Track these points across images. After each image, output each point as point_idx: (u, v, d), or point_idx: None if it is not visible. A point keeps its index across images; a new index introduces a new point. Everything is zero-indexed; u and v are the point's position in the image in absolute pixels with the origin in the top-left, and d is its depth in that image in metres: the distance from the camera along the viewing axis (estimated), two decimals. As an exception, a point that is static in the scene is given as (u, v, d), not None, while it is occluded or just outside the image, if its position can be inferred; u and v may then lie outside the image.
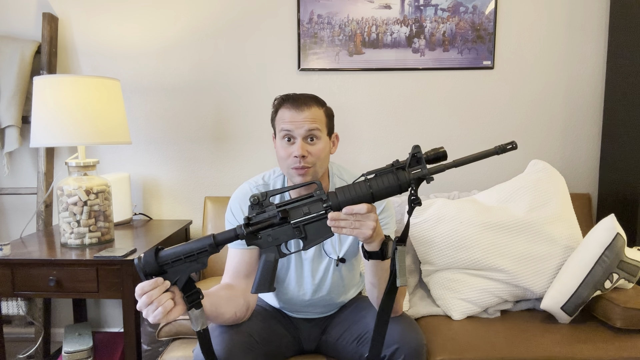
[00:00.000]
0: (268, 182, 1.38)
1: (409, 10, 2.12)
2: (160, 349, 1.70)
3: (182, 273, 0.99)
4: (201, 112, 2.22)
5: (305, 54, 2.15)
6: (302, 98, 1.26)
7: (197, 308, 1.02)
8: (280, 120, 1.26)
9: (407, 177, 0.99)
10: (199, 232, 2.23)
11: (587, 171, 2.20)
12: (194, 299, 1.01)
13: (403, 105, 2.18)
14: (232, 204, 1.36)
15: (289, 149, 1.23)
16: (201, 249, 0.99)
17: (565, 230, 1.76)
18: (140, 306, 0.97)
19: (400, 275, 1.01)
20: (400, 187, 1.00)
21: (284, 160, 1.25)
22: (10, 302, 2.18)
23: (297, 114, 1.23)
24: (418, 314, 1.74)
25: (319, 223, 1.03)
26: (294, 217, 1.03)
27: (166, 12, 2.17)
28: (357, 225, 1.01)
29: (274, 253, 1.04)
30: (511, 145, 0.95)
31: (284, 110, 1.25)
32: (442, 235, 1.75)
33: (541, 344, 1.49)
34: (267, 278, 1.04)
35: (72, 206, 1.71)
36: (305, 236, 1.03)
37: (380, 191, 1.00)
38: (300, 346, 1.47)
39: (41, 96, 1.69)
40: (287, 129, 1.23)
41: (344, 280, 1.42)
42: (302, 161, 1.21)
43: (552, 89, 2.16)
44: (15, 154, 2.24)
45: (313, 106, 1.25)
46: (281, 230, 1.03)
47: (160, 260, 0.99)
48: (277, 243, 1.03)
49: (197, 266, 1.00)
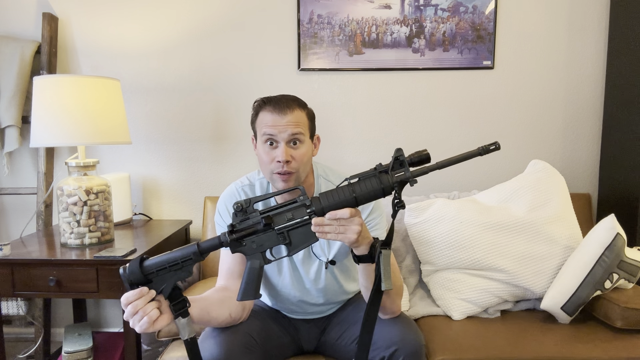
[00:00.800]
0: (253, 183, 1.36)
1: (409, 10, 2.12)
2: (160, 349, 1.70)
3: (167, 282, 0.99)
4: (201, 112, 2.22)
5: (305, 54, 2.15)
6: (284, 100, 1.22)
7: (183, 317, 1.02)
8: (261, 124, 1.22)
9: (389, 181, 0.99)
10: (199, 232, 2.23)
11: (587, 171, 2.20)
12: (180, 308, 1.01)
13: (403, 105, 2.18)
14: (219, 206, 1.35)
15: (272, 153, 1.21)
16: (185, 257, 0.99)
17: (565, 230, 1.76)
18: (127, 316, 0.97)
19: (385, 279, 1.01)
20: (384, 191, 1.00)
21: (267, 164, 1.22)
22: (10, 302, 2.19)
23: (280, 118, 1.19)
24: (418, 314, 1.74)
25: (303, 228, 1.02)
26: (278, 223, 1.02)
27: (166, 12, 2.17)
28: (341, 230, 1.00)
29: (258, 260, 1.03)
30: (494, 146, 0.94)
31: (265, 113, 1.22)
32: (442, 235, 1.75)
33: (541, 344, 1.49)
34: (252, 285, 1.03)
35: (72, 206, 1.71)
36: (289, 242, 1.03)
37: (364, 195, 1.00)
38: (299, 346, 1.47)
39: (41, 96, 1.69)
40: (269, 133, 1.20)
41: (338, 282, 1.40)
42: (285, 166, 1.19)
43: (552, 89, 2.16)
44: (15, 154, 2.24)
45: (296, 109, 1.22)
46: (265, 236, 1.02)
47: (145, 270, 0.98)
48: (262, 250, 1.03)
49: (182, 275, 1.00)
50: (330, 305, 1.46)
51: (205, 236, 2.04)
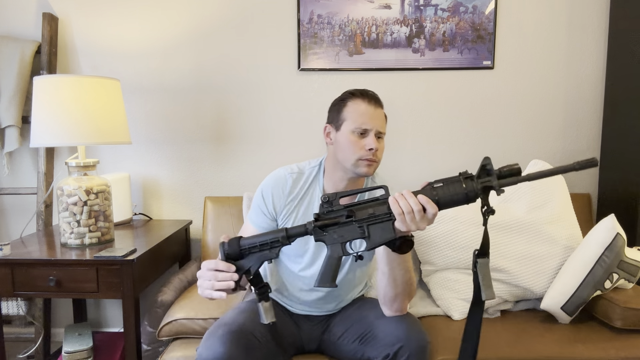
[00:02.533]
0: (303, 171, 1.40)
1: (409, 10, 2.12)
2: (160, 349, 1.70)
3: (255, 261, 1.08)
4: (201, 112, 2.22)
5: (305, 54, 2.15)
6: (375, 96, 1.33)
7: (266, 301, 1.09)
8: (355, 112, 1.29)
9: (474, 186, 0.99)
10: (199, 232, 2.23)
11: (587, 171, 2.19)
12: (263, 292, 1.09)
13: (403, 105, 2.18)
14: (264, 190, 1.39)
15: (362, 140, 1.28)
16: (274, 239, 1.07)
17: (565, 230, 1.76)
18: (207, 276, 1.07)
19: (485, 288, 1.04)
20: (467, 196, 1.00)
21: (355, 151, 1.28)
22: (10, 302, 2.18)
23: (374, 110, 1.30)
24: (418, 314, 1.74)
25: (383, 224, 1.06)
26: (359, 217, 1.07)
27: (166, 12, 2.17)
28: (418, 217, 1.01)
29: (338, 250, 1.08)
30: (592, 162, 0.92)
31: (359, 102, 1.30)
32: (442, 235, 1.75)
33: (541, 344, 1.49)
34: (330, 273, 1.08)
35: (72, 206, 1.71)
36: (368, 236, 1.06)
37: (445, 198, 1.02)
38: (301, 345, 1.47)
39: (41, 96, 1.69)
40: (365, 123, 1.28)
41: (355, 277, 1.44)
42: (373, 154, 1.27)
43: (552, 89, 2.16)
44: (15, 154, 2.24)
45: (381, 106, 1.34)
46: (346, 228, 1.07)
47: (241, 245, 1.08)
48: (342, 240, 1.07)
49: (269, 255, 1.08)
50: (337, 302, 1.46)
51: (206, 236, 2.04)
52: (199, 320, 1.59)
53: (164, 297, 1.74)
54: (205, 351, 1.20)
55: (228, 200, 2.07)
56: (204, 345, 1.23)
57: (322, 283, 1.08)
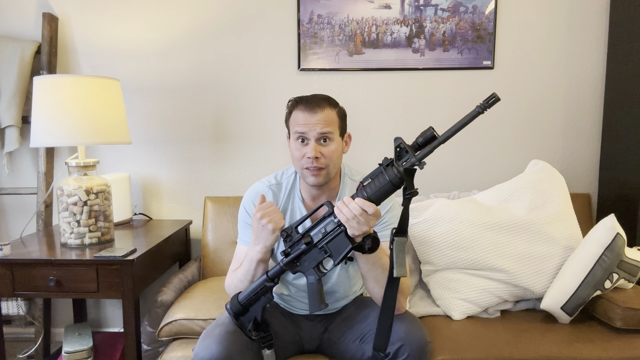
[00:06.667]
0: (281, 182, 1.42)
1: (409, 10, 2.12)
2: (160, 349, 1.70)
3: (258, 309, 1.19)
4: (201, 112, 2.22)
5: (305, 54, 2.15)
6: (315, 100, 1.30)
7: (269, 349, 1.23)
8: (294, 122, 1.30)
9: (394, 172, 1.00)
10: (199, 232, 2.23)
11: (587, 171, 2.20)
12: (267, 341, 1.22)
13: (403, 105, 2.18)
14: (246, 204, 1.41)
15: (303, 149, 1.28)
16: (260, 285, 1.19)
17: (565, 230, 1.76)
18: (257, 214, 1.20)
19: (397, 266, 1.04)
20: (392, 184, 1.01)
21: (298, 160, 1.30)
22: (10, 302, 2.18)
23: (310, 116, 1.27)
24: (418, 314, 1.74)
25: (337, 238, 1.12)
26: (316, 240, 1.15)
27: (166, 12, 2.17)
28: (363, 219, 1.05)
29: (313, 275, 1.16)
30: (493, 98, 0.91)
31: (297, 112, 1.29)
32: (442, 235, 1.75)
33: (541, 344, 1.49)
34: (317, 297, 1.16)
35: (72, 206, 1.71)
36: (331, 254, 1.13)
37: (375, 194, 1.03)
38: (301, 345, 1.47)
39: (41, 96, 1.69)
40: (300, 131, 1.28)
41: (349, 277, 1.44)
42: (315, 162, 1.26)
43: (552, 89, 2.15)
44: (15, 154, 2.24)
45: (326, 108, 1.29)
46: (311, 254, 1.16)
47: (241, 301, 1.20)
48: (314, 265, 1.16)
49: (265, 300, 1.19)
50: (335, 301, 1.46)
51: (206, 236, 2.04)
52: (198, 321, 1.59)
53: (164, 297, 1.74)
54: (202, 351, 1.21)
55: (228, 200, 2.07)
56: (200, 344, 1.23)
57: (314, 309, 1.17)
